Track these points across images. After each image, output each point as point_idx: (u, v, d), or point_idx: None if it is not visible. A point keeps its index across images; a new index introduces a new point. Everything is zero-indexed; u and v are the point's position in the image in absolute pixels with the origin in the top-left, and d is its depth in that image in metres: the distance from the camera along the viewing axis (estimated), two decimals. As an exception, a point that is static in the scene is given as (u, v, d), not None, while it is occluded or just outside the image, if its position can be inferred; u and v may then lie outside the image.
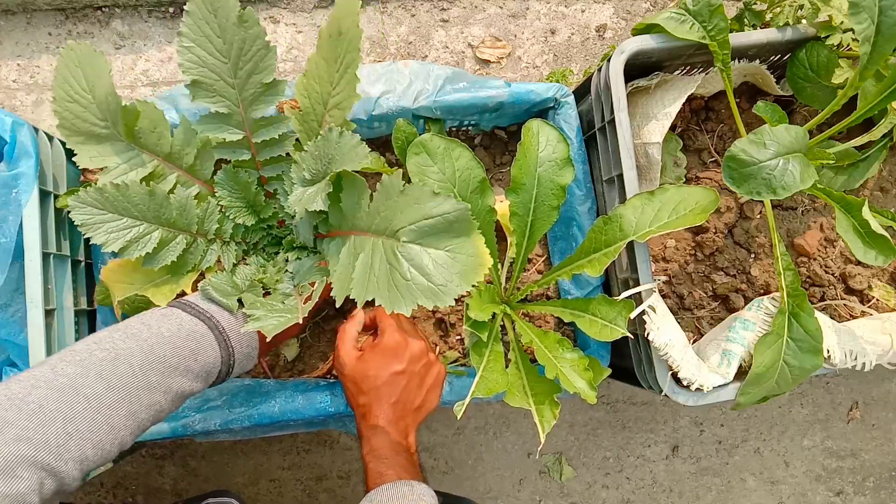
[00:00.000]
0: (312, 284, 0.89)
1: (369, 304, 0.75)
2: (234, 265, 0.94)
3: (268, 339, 0.81)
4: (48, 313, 0.96)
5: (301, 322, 0.82)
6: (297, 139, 0.91)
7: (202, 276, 0.93)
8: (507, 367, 0.98)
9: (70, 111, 0.84)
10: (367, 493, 0.86)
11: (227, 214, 0.93)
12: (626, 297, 0.96)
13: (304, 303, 0.85)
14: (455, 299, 0.70)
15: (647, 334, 0.97)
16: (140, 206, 0.85)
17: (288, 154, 0.93)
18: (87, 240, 0.85)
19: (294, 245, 0.97)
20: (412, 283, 0.70)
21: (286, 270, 0.94)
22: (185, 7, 0.80)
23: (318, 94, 0.86)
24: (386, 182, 0.75)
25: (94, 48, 0.84)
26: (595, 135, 1.07)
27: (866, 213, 0.88)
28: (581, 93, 1.15)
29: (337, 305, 0.78)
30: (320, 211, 0.80)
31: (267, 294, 0.91)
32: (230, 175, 0.91)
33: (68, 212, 0.83)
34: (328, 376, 1.11)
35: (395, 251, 0.72)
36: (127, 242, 0.84)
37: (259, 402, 1.03)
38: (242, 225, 0.94)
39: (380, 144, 1.17)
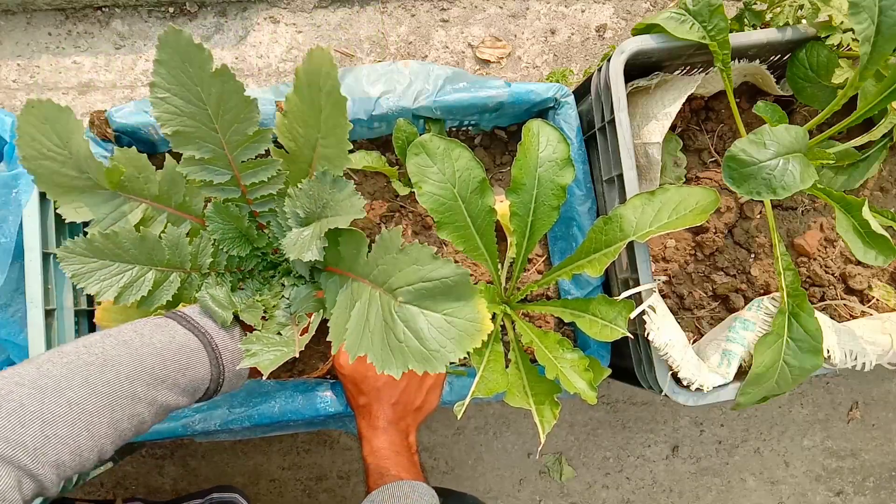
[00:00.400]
0: (309, 316, 0.87)
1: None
2: (232, 292, 0.92)
3: (264, 377, 0.79)
4: (48, 313, 0.96)
5: (297, 356, 0.80)
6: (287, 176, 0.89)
7: None
8: (507, 367, 0.98)
9: (45, 168, 0.81)
10: (368, 493, 0.86)
11: (220, 247, 0.91)
12: (626, 297, 0.96)
13: (301, 335, 0.83)
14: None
15: (647, 334, 0.97)
16: (131, 250, 0.83)
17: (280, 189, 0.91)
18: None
19: (290, 272, 0.96)
20: (405, 346, 0.69)
21: (283, 296, 0.93)
22: (155, 57, 0.76)
23: (304, 138, 0.83)
24: (385, 237, 0.74)
25: (58, 104, 0.79)
26: (595, 135, 1.07)
27: (866, 213, 0.88)
28: (581, 93, 1.15)
29: (332, 352, 0.77)
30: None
31: (263, 318, 0.89)
32: (220, 210, 0.89)
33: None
34: (328, 377, 1.11)
35: (392, 310, 0.71)
36: (121, 289, 0.82)
37: (259, 402, 1.03)
38: (237, 255, 0.92)
39: (380, 144, 1.17)
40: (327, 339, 0.77)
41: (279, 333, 0.85)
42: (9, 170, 0.98)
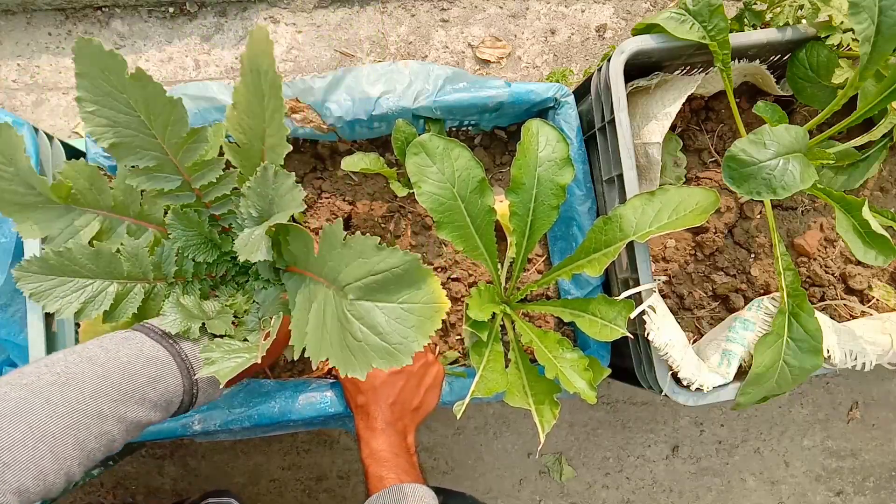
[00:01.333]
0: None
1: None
2: (202, 300, 0.89)
3: (221, 385, 0.75)
4: (48, 314, 0.96)
5: (260, 362, 0.76)
6: (240, 172, 0.87)
7: None
8: (506, 367, 0.98)
9: None
10: (368, 496, 0.86)
11: (184, 255, 0.87)
12: (626, 297, 0.96)
13: (264, 339, 0.80)
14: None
15: (647, 334, 0.97)
16: (89, 265, 0.80)
17: (236, 188, 0.87)
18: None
19: (259, 275, 0.93)
20: (364, 345, 0.65)
21: (254, 301, 0.90)
22: (75, 71, 0.72)
23: (252, 130, 0.80)
24: (327, 231, 0.70)
25: (3, 122, 0.77)
26: (595, 135, 1.07)
27: (866, 213, 0.88)
28: (581, 93, 1.15)
29: (294, 357, 0.74)
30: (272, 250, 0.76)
31: (234, 324, 0.87)
32: (180, 217, 0.85)
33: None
34: (328, 376, 1.11)
35: (345, 309, 0.67)
36: (82, 304, 0.79)
37: (259, 403, 1.03)
38: (203, 262, 0.89)
39: (380, 144, 1.17)
40: (290, 343, 0.74)
41: (245, 339, 0.83)
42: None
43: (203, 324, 0.82)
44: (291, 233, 0.77)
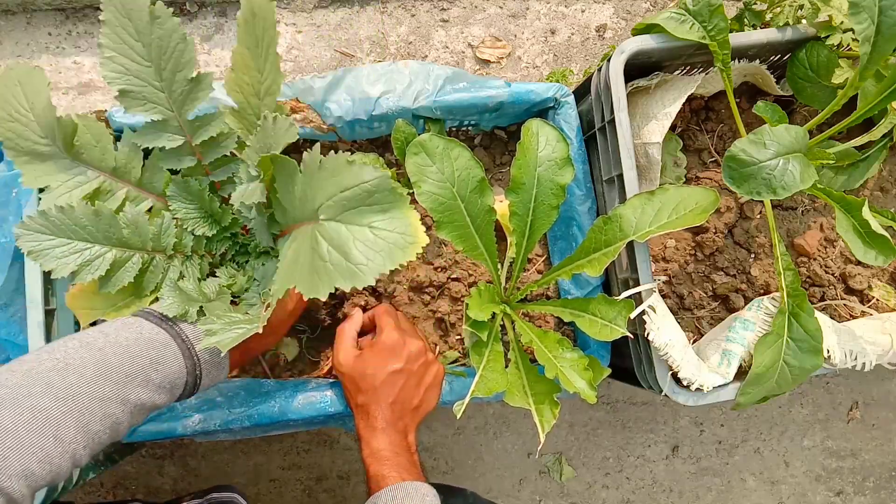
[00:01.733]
0: None
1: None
2: (200, 279, 0.89)
3: (223, 354, 0.76)
4: (48, 313, 0.96)
5: (261, 331, 0.75)
6: (239, 137, 0.87)
7: None
8: (506, 366, 0.98)
9: (12, 130, 0.81)
10: (370, 495, 0.86)
11: (184, 227, 0.88)
12: (626, 297, 0.96)
13: (265, 310, 0.79)
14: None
15: (647, 334, 0.97)
16: (89, 227, 0.80)
17: (234, 154, 0.88)
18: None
19: (259, 250, 0.93)
20: (329, 265, 0.64)
21: (254, 278, 0.91)
22: (100, 18, 0.77)
23: (250, 86, 0.81)
24: (305, 158, 0.69)
25: (34, 66, 0.81)
26: (595, 135, 1.07)
27: (866, 213, 0.88)
28: (581, 93, 1.15)
29: (279, 297, 0.73)
30: (267, 206, 0.75)
31: (234, 303, 0.87)
32: (180, 185, 0.87)
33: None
34: (328, 376, 1.11)
35: (315, 232, 0.66)
36: (78, 266, 0.80)
37: (259, 402, 1.03)
38: (203, 236, 0.89)
39: (380, 144, 1.17)
40: (270, 292, 0.73)
41: (246, 314, 0.83)
42: (9, 170, 0.98)
43: (202, 307, 0.82)
44: (278, 167, 0.75)
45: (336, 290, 0.65)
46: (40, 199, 0.87)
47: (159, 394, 0.74)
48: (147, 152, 0.89)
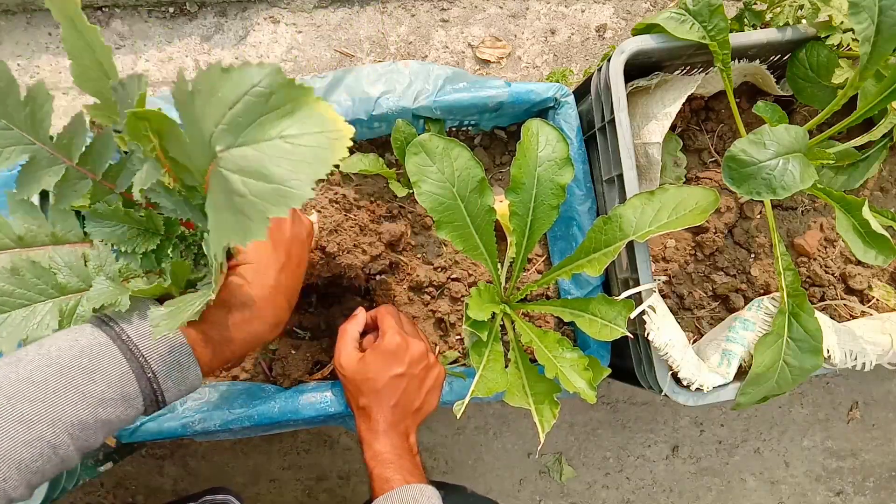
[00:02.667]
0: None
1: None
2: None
3: (178, 342, 0.67)
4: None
5: (214, 295, 0.65)
6: (118, 131, 0.75)
7: None
8: (506, 366, 0.98)
9: None
10: (374, 499, 0.86)
11: (122, 250, 0.78)
12: (626, 297, 0.96)
13: (219, 275, 0.68)
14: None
15: (647, 334, 0.97)
16: (17, 290, 0.70)
17: (124, 152, 0.77)
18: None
19: (203, 232, 0.82)
20: (251, 197, 0.51)
21: (204, 265, 0.82)
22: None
23: (92, 69, 0.69)
24: (173, 92, 0.56)
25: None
26: (595, 135, 1.07)
27: (866, 213, 0.88)
28: (581, 93, 1.15)
29: (219, 257, 0.64)
30: (177, 183, 0.66)
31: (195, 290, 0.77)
32: (93, 215, 0.76)
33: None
34: (328, 377, 1.11)
35: (220, 170, 0.53)
36: (26, 335, 0.69)
37: (259, 402, 1.03)
38: (149, 252, 0.79)
39: (379, 145, 1.17)
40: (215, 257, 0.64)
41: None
42: (9, 170, 0.98)
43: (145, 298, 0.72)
44: (147, 121, 0.62)
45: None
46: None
47: (107, 407, 0.64)
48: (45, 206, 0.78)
